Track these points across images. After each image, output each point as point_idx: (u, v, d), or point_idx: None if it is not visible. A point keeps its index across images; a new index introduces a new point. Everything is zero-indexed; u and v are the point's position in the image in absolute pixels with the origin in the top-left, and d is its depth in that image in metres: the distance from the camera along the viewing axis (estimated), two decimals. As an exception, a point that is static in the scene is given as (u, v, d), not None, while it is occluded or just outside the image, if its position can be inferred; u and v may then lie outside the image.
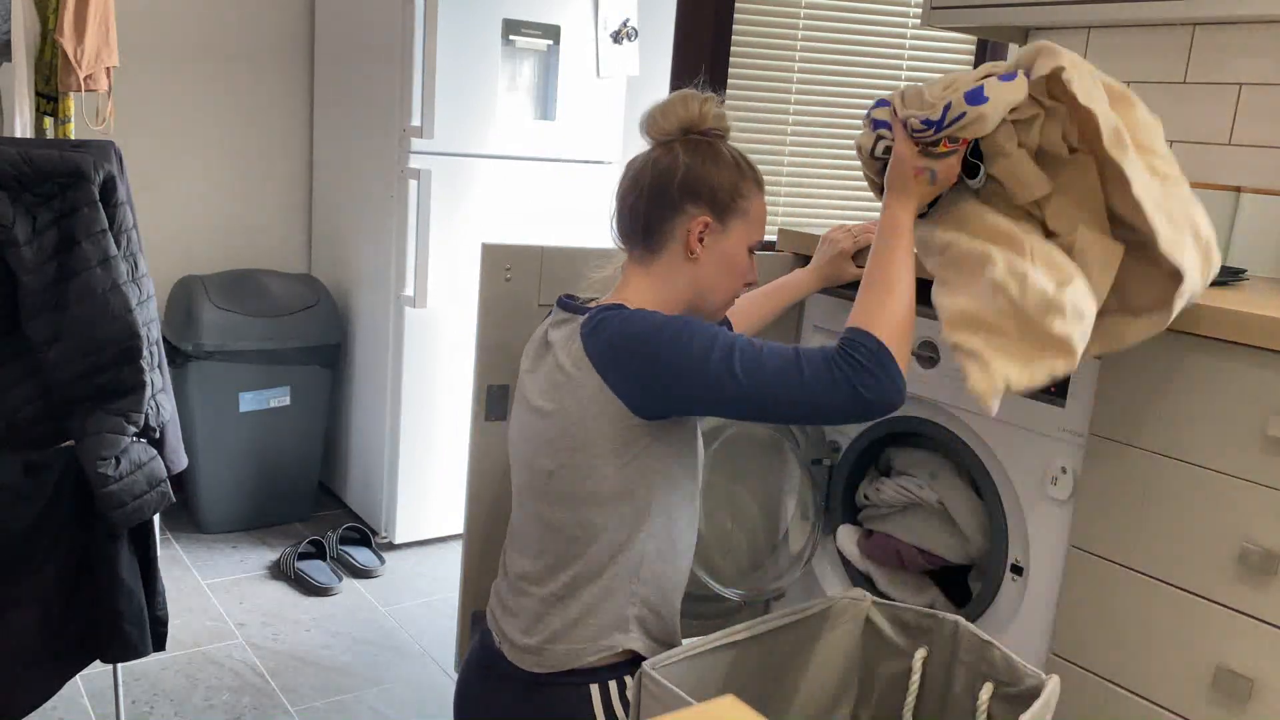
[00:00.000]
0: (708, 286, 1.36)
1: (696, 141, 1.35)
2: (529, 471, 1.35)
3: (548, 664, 1.34)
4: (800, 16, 2.73)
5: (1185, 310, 1.36)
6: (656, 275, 1.35)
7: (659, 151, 1.36)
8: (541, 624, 1.35)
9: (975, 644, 1.38)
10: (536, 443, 1.33)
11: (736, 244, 1.36)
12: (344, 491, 3.23)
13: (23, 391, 1.59)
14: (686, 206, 1.33)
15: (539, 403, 1.32)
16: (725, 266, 1.36)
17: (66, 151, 1.54)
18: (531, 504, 1.36)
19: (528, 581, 1.37)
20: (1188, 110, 2.02)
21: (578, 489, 1.30)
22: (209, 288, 2.87)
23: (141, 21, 2.94)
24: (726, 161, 1.34)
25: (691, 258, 1.34)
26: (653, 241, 1.35)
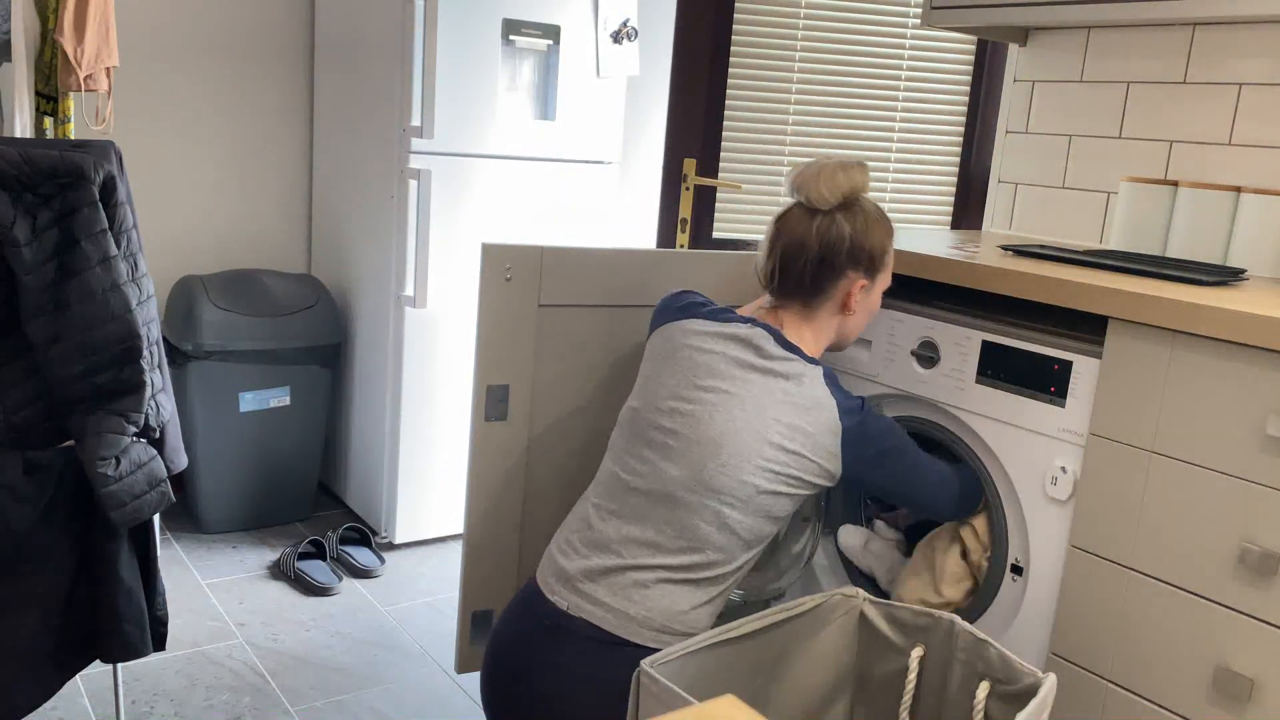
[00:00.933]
0: (852, 331, 1.58)
1: (852, 209, 1.51)
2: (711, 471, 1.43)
3: (627, 631, 1.41)
4: (800, 16, 2.73)
5: (1185, 310, 1.36)
6: (814, 324, 1.54)
7: (822, 221, 1.50)
8: (645, 595, 1.42)
9: (972, 642, 1.38)
10: (732, 456, 1.43)
11: (878, 294, 1.58)
12: (344, 491, 3.23)
13: (23, 391, 1.59)
14: (848, 272, 1.51)
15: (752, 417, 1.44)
16: (869, 311, 1.59)
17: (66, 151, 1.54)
18: (694, 497, 1.43)
19: (644, 550, 1.43)
20: (1188, 110, 2.02)
21: (775, 509, 1.46)
22: (209, 288, 2.87)
23: (141, 21, 2.94)
24: (875, 224, 1.52)
25: (845, 312, 1.54)
26: (815, 300, 1.53)
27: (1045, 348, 1.55)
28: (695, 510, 1.43)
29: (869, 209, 1.52)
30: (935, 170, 2.85)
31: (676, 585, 1.43)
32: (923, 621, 1.44)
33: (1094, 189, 2.19)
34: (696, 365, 1.48)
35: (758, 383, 1.45)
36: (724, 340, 1.49)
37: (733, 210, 2.84)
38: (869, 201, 1.54)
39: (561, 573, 1.47)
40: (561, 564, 1.48)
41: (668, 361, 1.51)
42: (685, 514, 1.43)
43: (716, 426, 1.44)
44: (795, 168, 1.55)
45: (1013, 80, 2.32)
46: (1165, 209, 1.96)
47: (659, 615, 1.42)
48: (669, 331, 1.54)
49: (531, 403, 1.71)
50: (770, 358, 1.47)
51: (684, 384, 1.48)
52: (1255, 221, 1.82)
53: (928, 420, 1.73)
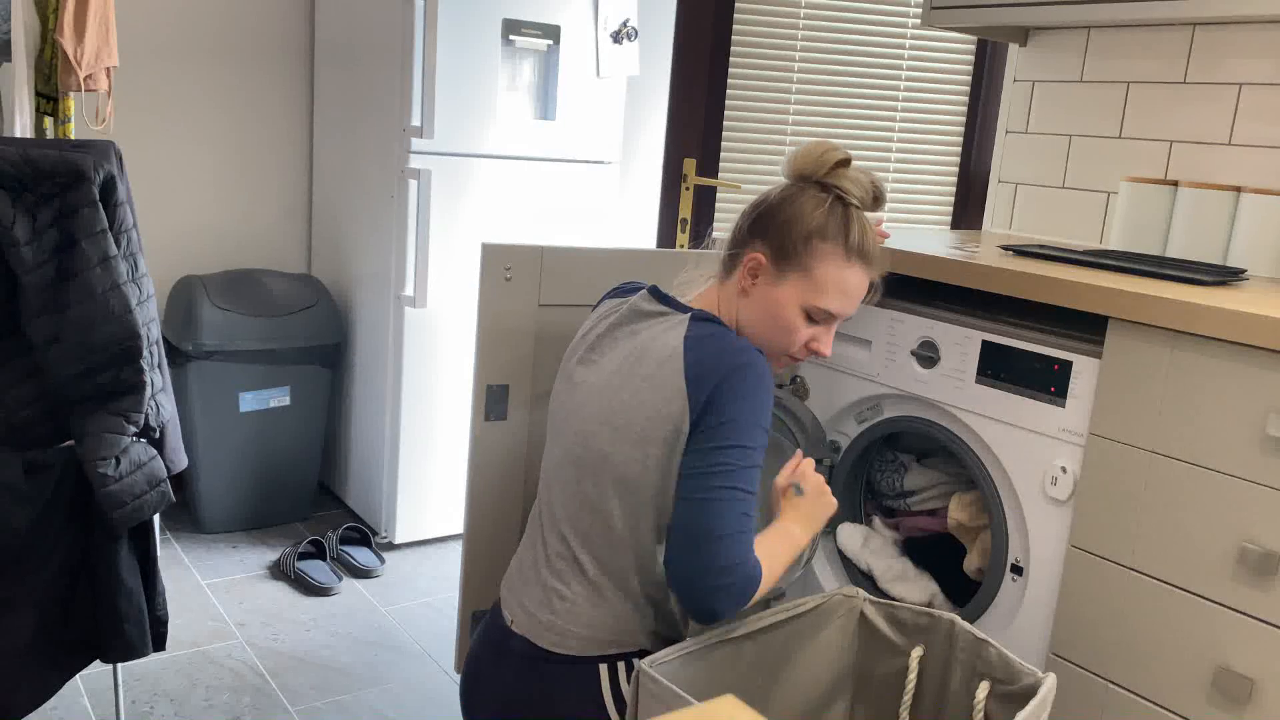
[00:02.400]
0: (751, 328, 1.36)
1: (803, 186, 1.34)
2: (582, 449, 1.34)
3: (564, 645, 1.35)
4: (800, 16, 2.73)
5: (1185, 310, 1.36)
6: (721, 297, 1.38)
7: (772, 187, 1.37)
8: (565, 605, 1.35)
9: (971, 642, 1.38)
10: (598, 425, 1.32)
11: (786, 298, 1.32)
12: (344, 491, 3.23)
13: (23, 391, 1.59)
14: (753, 240, 1.34)
15: (613, 383, 1.32)
16: (769, 314, 1.34)
17: (66, 151, 1.54)
18: (576, 482, 1.35)
19: (561, 560, 1.37)
20: (1188, 110, 2.02)
21: (629, 478, 1.30)
22: (209, 288, 2.87)
23: (141, 21, 2.94)
24: (818, 211, 1.31)
25: (742, 292, 1.35)
26: (726, 271, 1.38)
27: (1045, 348, 1.55)
28: (570, 492, 1.36)
29: (824, 201, 1.31)
30: (935, 170, 2.85)
31: (575, 585, 1.35)
32: (923, 621, 1.44)
33: (1094, 189, 2.19)
34: (582, 344, 1.41)
35: (622, 345, 1.34)
36: (608, 314, 1.41)
37: (733, 210, 2.84)
38: (844, 209, 1.32)
39: (509, 579, 1.45)
40: (511, 568, 1.47)
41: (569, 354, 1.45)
42: (565, 498, 1.37)
43: (578, 398, 1.36)
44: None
45: (1013, 80, 2.32)
46: (1165, 209, 1.96)
47: (561, 618, 1.34)
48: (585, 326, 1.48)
49: (531, 403, 1.71)
50: (638, 316, 1.36)
51: (567, 364, 1.42)
52: (1255, 221, 1.82)
53: (928, 420, 1.73)
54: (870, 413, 1.83)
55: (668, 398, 1.26)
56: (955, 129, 2.83)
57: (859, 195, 1.34)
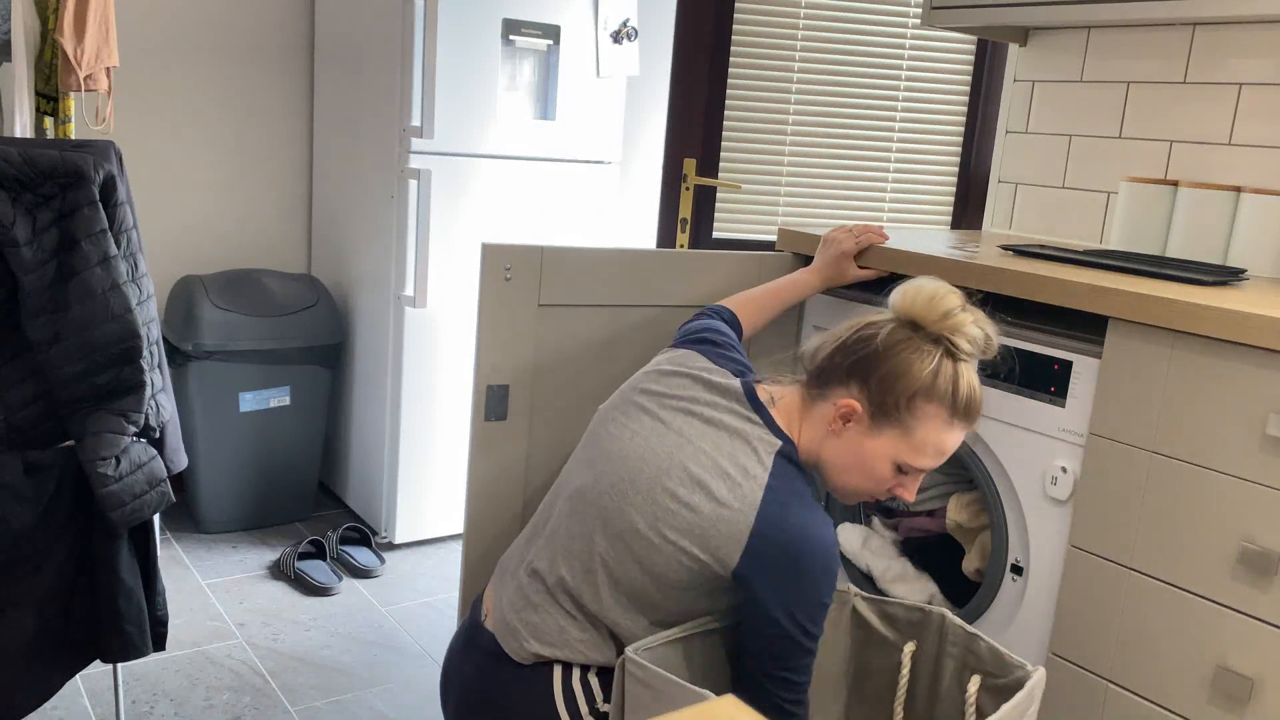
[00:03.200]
0: (832, 468, 1.32)
1: (910, 335, 1.28)
2: (616, 508, 1.28)
3: (522, 655, 1.34)
4: (800, 16, 2.73)
5: (1185, 310, 1.36)
6: (807, 422, 1.33)
7: (880, 320, 1.31)
8: (536, 618, 1.35)
9: (962, 636, 1.39)
10: (645, 500, 1.26)
11: (882, 452, 1.28)
12: (344, 491, 3.23)
13: (23, 391, 1.59)
14: (851, 382, 1.28)
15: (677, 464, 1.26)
16: (858, 463, 1.29)
17: (66, 151, 1.54)
18: (592, 528, 1.31)
19: (543, 579, 1.37)
20: (1188, 110, 2.02)
21: (646, 563, 1.26)
22: (209, 288, 2.87)
23: (141, 21, 2.94)
24: (925, 371, 1.25)
25: (831, 429, 1.30)
26: (817, 391, 1.32)
27: (1045, 348, 1.55)
28: (580, 525, 1.33)
29: (935, 359, 1.25)
30: (935, 170, 2.85)
31: (558, 610, 1.33)
32: (914, 617, 1.44)
33: (1094, 189, 2.19)
34: (655, 389, 1.36)
35: (695, 427, 1.29)
36: (694, 379, 1.35)
37: (733, 210, 2.84)
38: (956, 367, 1.26)
39: (498, 572, 1.46)
40: (500, 563, 1.47)
41: (643, 377, 1.41)
42: (573, 525, 1.34)
43: (633, 449, 1.30)
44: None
45: (1013, 80, 2.32)
46: (1165, 209, 1.96)
47: (526, 630, 1.34)
48: (672, 353, 1.44)
49: (531, 403, 1.71)
50: (724, 410, 1.29)
51: (633, 401, 1.36)
52: (1255, 221, 1.82)
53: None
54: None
55: (726, 532, 1.21)
56: (955, 129, 2.83)
57: (971, 351, 1.29)
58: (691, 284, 1.80)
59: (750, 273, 1.85)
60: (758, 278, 1.85)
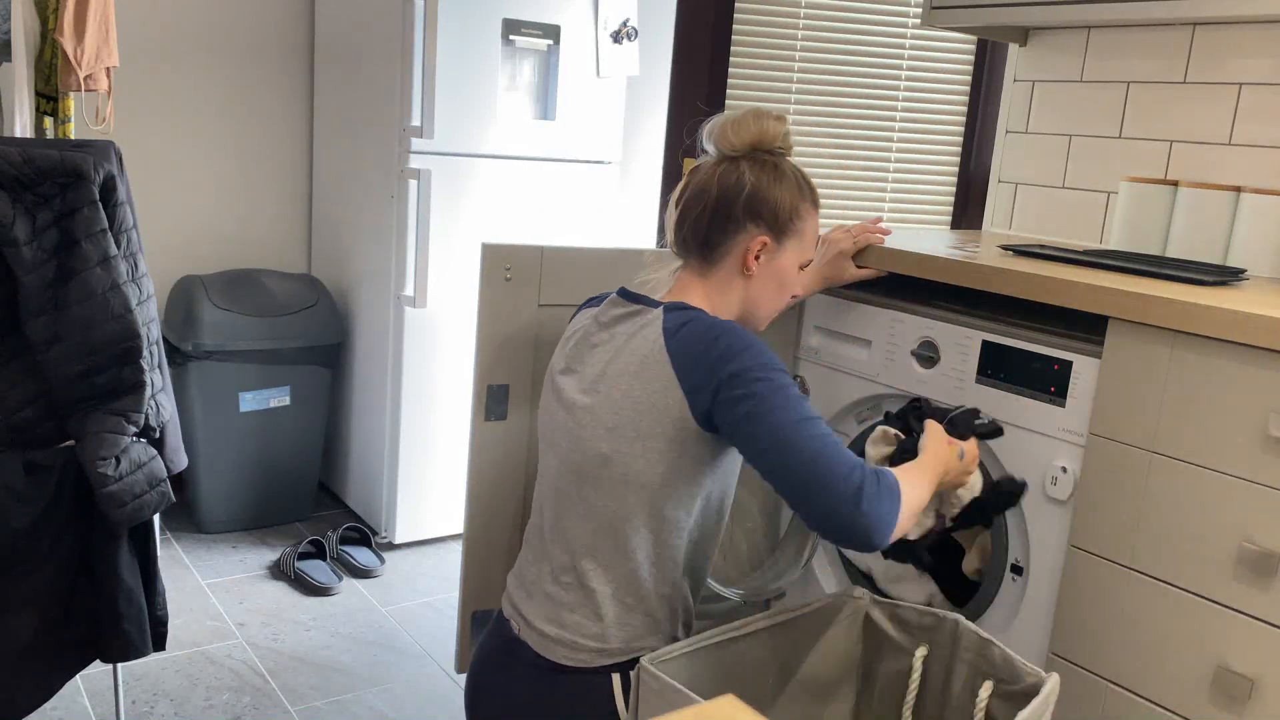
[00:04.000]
0: (758, 301, 1.41)
1: (762, 160, 1.38)
2: (580, 456, 1.34)
3: (574, 659, 1.35)
4: (800, 16, 2.73)
5: (1185, 310, 1.36)
6: (712, 286, 1.40)
7: (725, 167, 1.38)
8: (574, 618, 1.35)
9: (975, 642, 1.38)
10: (592, 428, 1.32)
11: (789, 262, 1.41)
12: (344, 491, 3.23)
13: (23, 391, 1.59)
14: (748, 225, 1.37)
15: (599, 387, 1.33)
16: (776, 283, 1.41)
17: (66, 151, 1.54)
18: (577, 490, 1.35)
19: (566, 573, 1.37)
20: (1188, 110, 2.02)
21: (631, 476, 1.31)
22: (209, 288, 2.87)
23: (141, 21, 2.94)
24: (789, 181, 1.38)
25: (746, 274, 1.39)
26: (712, 255, 1.39)
27: (1045, 348, 1.55)
28: (572, 502, 1.36)
29: (784, 167, 1.39)
30: (935, 170, 2.85)
31: (578, 597, 1.35)
32: (927, 621, 1.44)
33: (1094, 189, 2.19)
34: (564, 355, 1.42)
35: (602, 350, 1.36)
36: (585, 324, 1.42)
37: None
38: (789, 163, 1.41)
39: (517, 586, 1.45)
40: (515, 578, 1.46)
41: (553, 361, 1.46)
42: (566, 508, 1.37)
43: (568, 404, 1.36)
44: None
45: (1013, 80, 2.32)
46: (1165, 209, 1.96)
47: (570, 630, 1.35)
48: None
49: (531, 403, 1.71)
50: (615, 320, 1.37)
51: (555, 374, 1.42)
52: (1255, 221, 1.82)
53: (928, 420, 1.73)
54: (870, 413, 1.83)
55: (660, 389, 1.28)
56: (955, 129, 2.83)
57: (791, 148, 1.43)
58: (691, 284, 1.80)
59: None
60: (758, 278, 1.85)
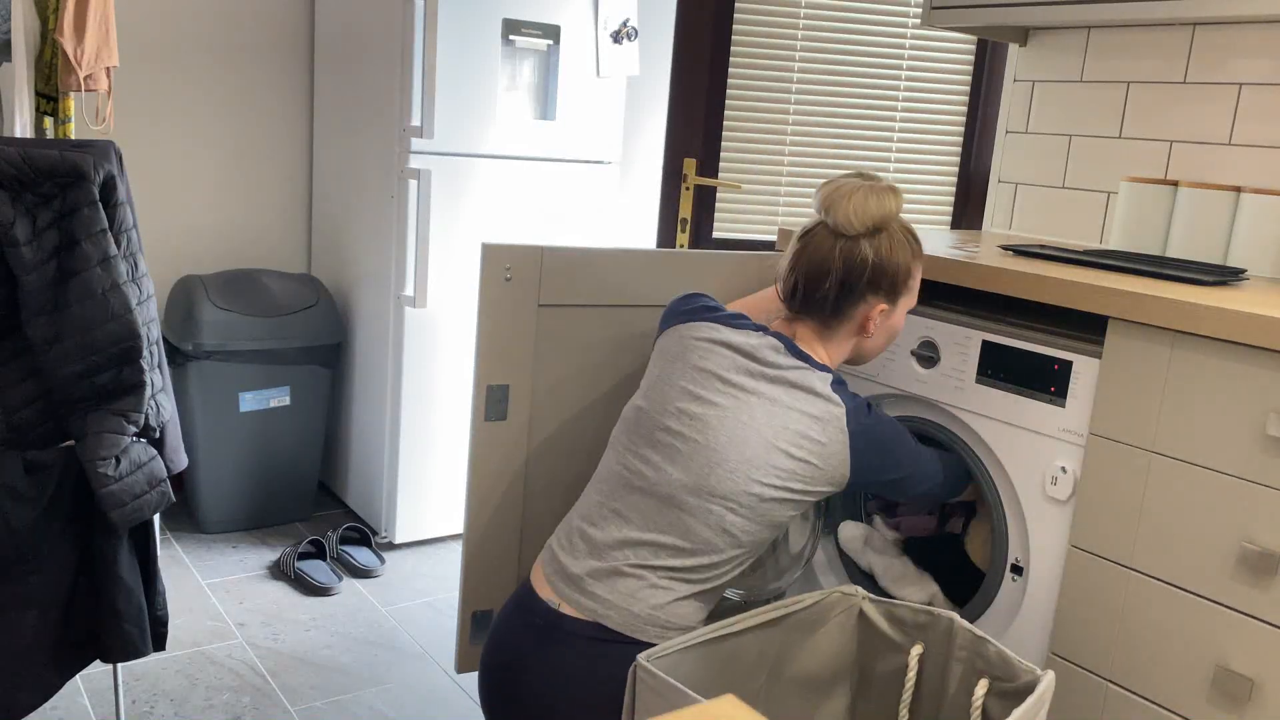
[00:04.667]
0: (869, 351, 1.57)
1: (879, 234, 1.48)
2: (724, 481, 1.42)
3: (640, 632, 1.42)
4: (800, 16, 2.73)
5: (1185, 310, 1.36)
6: (831, 342, 1.53)
7: (846, 245, 1.48)
8: (639, 592, 1.42)
9: (970, 640, 1.38)
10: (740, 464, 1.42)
11: (902, 316, 1.55)
12: (344, 491, 3.23)
13: (23, 391, 1.59)
14: (869, 296, 1.49)
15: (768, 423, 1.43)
16: (888, 335, 1.56)
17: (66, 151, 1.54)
18: (696, 501, 1.43)
19: (644, 551, 1.44)
20: (1188, 110, 2.02)
21: (777, 516, 1.45)
22: (209, 288, 2.87)
23: (141, 21, 2.94)
24: (903, 248, 1.49)
25: (863, 334, 1.53)
26: (834, 320, 1.51)
27: (1045, 348, 1.55)
28: (696, 514, 1.43)
29: (896, 231, 1.49)
30: (935, 170, 2.85)
31: (671, 583, 1.43)
32: (922, 619, 1.44)
33: (1094, 189, 2.19)
34: (707, 368, 1.48)
35: (767, 390, 1.45)
36: (734, 347, 1.48)
37: (733, 210, 2.84)
38: (898, 223, 1.50)
39: (562, 570, 1.47)
40: (563, 560, 1.48)
41: (677, 363, 1.50)
42: (686, 517, 1.43)
43: (725, 432, 1.43)
44: (827, 184, 1.51)
45: (1013, 80, 2.32)
46: (1165, 209, 1.96)
47: (649, 609, 1.42)
48: (680, 332, 1.53)
49: (531, 403, 1.71)
50: (780, 366, 1.46)
51: (694, 386, 1.47)
52: (1255, 221, 1.82)
53: (928, 420, 1.73)
54: (870, 413, 1.83)
55: (832, 454, 1.44)
56: (955, 129, 2.83)
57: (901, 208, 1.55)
58: (691, 284, 1.80)
59: (750, 273, 1.85)
60: (758, 277, 1.85)
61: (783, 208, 2.84)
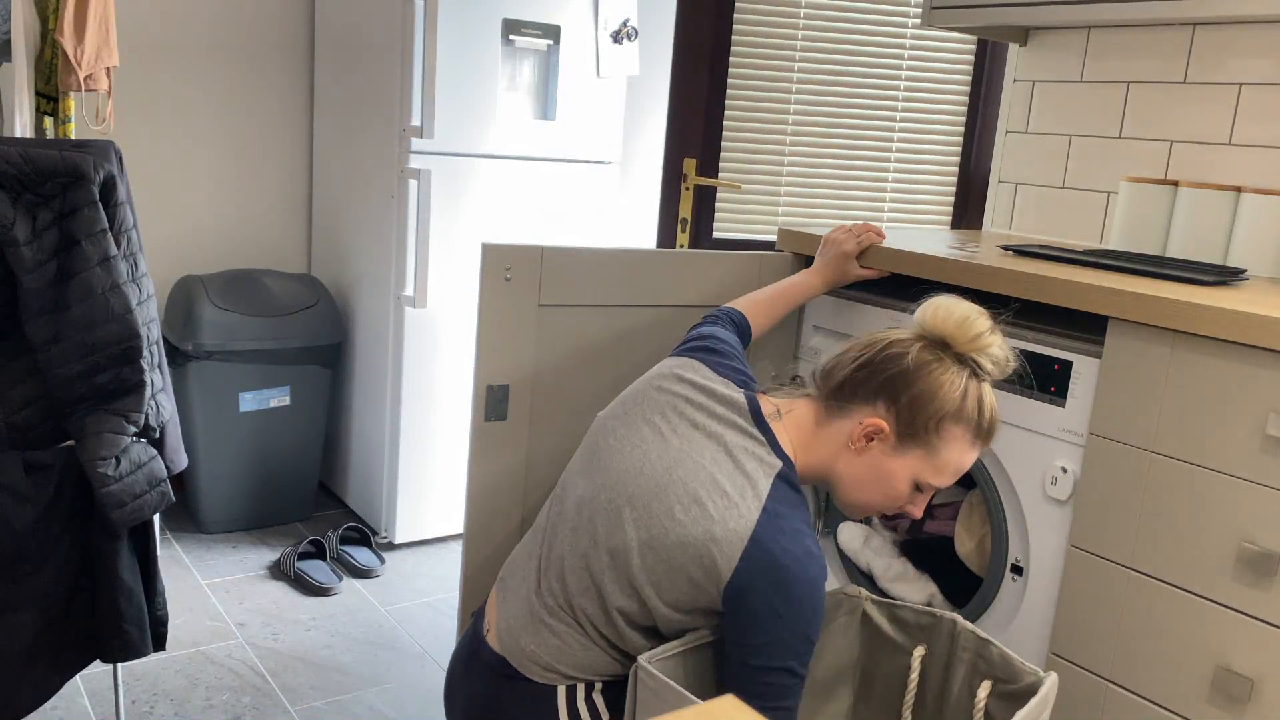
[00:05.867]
0: (849, 483, 1.31)
1: (939, 355, 1.28)
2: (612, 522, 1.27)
3: (531, 672, 1.34)
4: (800, 16, 2.73)
5: (1185, 310, 1.36)
6: (820, 437, 1.31)
7: (906, 338, 1.30)
8: (556, 642, 1.33)
9: (973, 642, 1.38)
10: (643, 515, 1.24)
11: (902, 470, 1.28)
12: (344, 491, 3.23)
13: (23, 391, 1.59)
14: (878, 401, 1.27)
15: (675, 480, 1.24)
16: (877, 480, 1.29)
17: (66, 151, 1.54)
18: (598, 546, 1.29)
19: (553, 598, 1.35)
20: (1188, 110, 2.02)
21: (647, 584, 1.25)
22: (209, 288, 2.87)
23: (141, 21, 2.94)
24: (953, 392, 1.25)
25: (849, 448, 1.29)
26: (835, 407, 1.31)
27: (1045, 348, 1.55)
28: (578, 537, 1.31)
29: (961, 382, 1.25)
30: (935, 170, 2.85)
31: (568, 627, 1.31)
32: (925, 621, 1.44)
33: (1094, 189, 2.19)
34: (659, 399, 1.35)
35: (696, 441, 1.27)
36: (700, 389, 1.33)
37: (733, 210, 2.84)
38: (980, 388, 1.27)
39: (500, 585, 1.44)
40: (500, 577, 1.46)
41: (649, 382, 1.39)
42: (570, 538, 1.32)
43: (625, 459, 1.28)
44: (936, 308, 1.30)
45: (1013, 80, 2.32)
46: (1165, 209, 1.96)
47: (545, 652, 1.32)
48: (677, 359, 1.42)
49: (531, 403, 1.71)
50: (727, 425, 1.28)
51: (638, 409, 1.35)
52: (1255, 221, 1.82)
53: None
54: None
55: (720, 552, 1.19)
56: (955, 129, 2.83)
57: (994, 373, 1.29)
58: (691, 284, 1.80)
59: (750, 273, 1.85)
60: (758, 277, 1.85)
61: (783, 208, 2.84)
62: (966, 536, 1.75)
